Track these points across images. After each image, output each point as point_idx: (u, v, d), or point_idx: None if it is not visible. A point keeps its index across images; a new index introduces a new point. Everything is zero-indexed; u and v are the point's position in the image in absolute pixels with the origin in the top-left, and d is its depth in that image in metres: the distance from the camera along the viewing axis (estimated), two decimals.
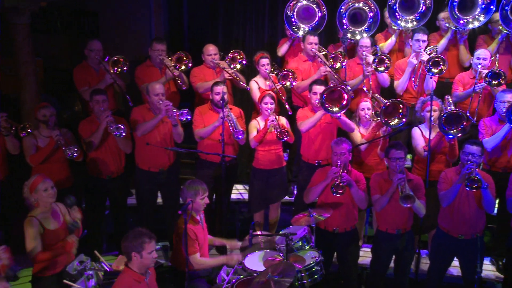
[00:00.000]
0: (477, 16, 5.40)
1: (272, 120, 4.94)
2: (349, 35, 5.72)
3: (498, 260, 5.11)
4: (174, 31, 7.76)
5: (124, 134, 4.70)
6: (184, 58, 5.47)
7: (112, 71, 5.31)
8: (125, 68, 5.39)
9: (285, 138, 4.89)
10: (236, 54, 5.49)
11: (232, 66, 5.46)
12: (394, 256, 4.70)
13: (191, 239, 4.19)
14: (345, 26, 5.74)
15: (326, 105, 4.76)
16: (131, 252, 3.44)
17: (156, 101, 4.86)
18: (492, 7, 5.32)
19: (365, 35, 5.68)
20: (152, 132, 4.95)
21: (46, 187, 3.91)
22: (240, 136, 4.89)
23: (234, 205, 6.02)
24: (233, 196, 5.96)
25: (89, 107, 5.11)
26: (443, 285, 4.84)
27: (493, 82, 4.98)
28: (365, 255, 5.21)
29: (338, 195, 4.34)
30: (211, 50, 5.58)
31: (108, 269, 4.12)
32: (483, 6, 5.34)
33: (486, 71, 5.03)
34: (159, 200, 5.42)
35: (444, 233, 4.52)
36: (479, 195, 4.30)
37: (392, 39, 5.86)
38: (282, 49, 6.10)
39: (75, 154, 4.63)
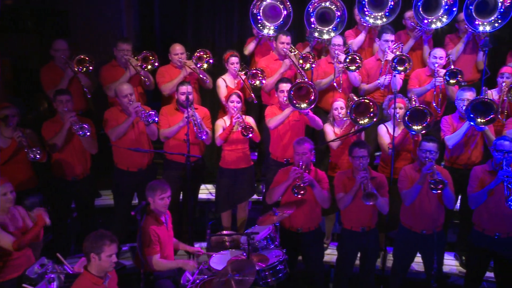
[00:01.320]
0: (440, 17, 5.47)
1: (238, 117, 4.95)
2: (316, 34, 5.73)
3: (461, 255, 5.20)
4: (146, 30, 7.69)
5: (88, 133, 4.65)
6: (150, 57, 5.45)
7: (77, 70, 5.25)
8: (90, 68, 5.34)
9: (250, 135, 4.90)
10: (202, 53, 5.47)
11: (198, 65, 5.43)
12: (359, 254, 4.75)
13: (152, 240, 4.20)
14: (312, 25, 5.76)
15: (294, 102, 4.78)
16: (90, 253, 3.42)
17: (125, 102, 4.84)
18: (454, 9, 5.39)
19: (332, 34, 5.70)
20: (126, 134, 4.93)
21: (5, 191, 3.86)
22: (203, 137, 4.89)
23: (204, 205, 6.03)
24: (203, 196, 5.97)
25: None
26: (407, 280, 4.90)
27: (451, 81, 5.06)
28: (333, 253, 5.25)
29: (300, 196, 4.35)
30: (177, 49, 5.56)
31: (70, 272, 4.08)
32: (446, 7, 5.41)
33: (444, 70, 5.10)
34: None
35: (406, 229, 4.58)
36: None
37: (362, 36, 5.91)
38: (249, 48, 6.09)
39: (38, 156, 4.56)
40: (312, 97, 4.77)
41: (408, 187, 4.44)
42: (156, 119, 4.76)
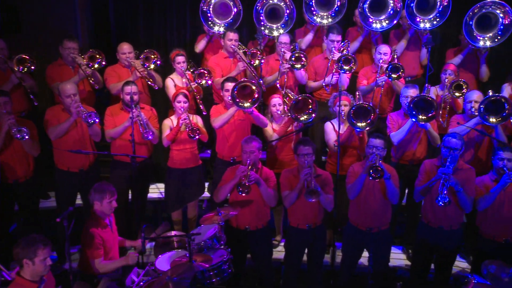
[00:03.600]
0: (382, 20, 5.54)
1: (185, 119, 4.93)
2: (266, 31, 5.75)
3: (408, 248, 5.31)
4: (101, 28, 7.55)
5: (27, 137, 4.54)
6: (97, 56, 5.36)
7: (17, 70, 5.12)
8: (32, 67, 5.21)
9: (196, 137, 4.89)
10: (149, 53, 5.41)
11: (146, 65, 5.38)
12: (306, 250, 4.79)
13: (96, 243, 4.16)
14: (262, 23, 5.77)
15: (237, 100, 4.78)
16: (23, 259, 3.38)
17: (68, 102, 4.75)
18: (394, 21, 5.52)
19: (281, 31, 5.73)
20: (69, 133, 4.85)
21: None
22: (149, 137, 4.85)
23: (156, 204, 5.98)
24: (154, 195, 5.94)
25: None
26: (356, 274, 4.97)
27: (393, 75, 5.14)
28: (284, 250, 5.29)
29: (244, 195, 4.35)
30: (125, 48, 5.50)
31: (9, 278, 4.00)
32: (391, 12, 5.49)
33: (386, 65, 5.19)
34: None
35: (353, 227, 4.63)
36: (384, 187, 4.44)
37: (310, 35, 5.94)
38: (200, 45, 6.07)
39: None
40: (256, 96, 4.77)
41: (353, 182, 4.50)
42: (97, 119, 4.69)
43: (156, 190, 6.05)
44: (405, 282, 5.06)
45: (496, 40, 5.35)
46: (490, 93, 4.67)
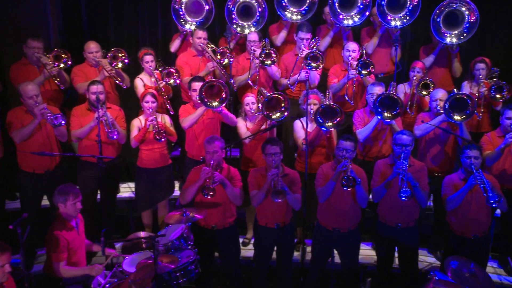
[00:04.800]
0: (353, 15, 5.55)
1: (152, 120, 4.88)
2: (238, 29, 5.72)
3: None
4: (72, 25, 7.42)
5: None
6: (63, 55, 5.28)
7: None
8: None
9: (162, 139, 4.86)
10: (117, 52, 5.35)
11: (113, 64, 5.31)
12: (276, 247, 4.80)
13: (60, 246, 4.11)
14: (234, 21, 5.74)
15: (206, 100, 4.75)
16: None
17: (31, 104, 4.67)
18: (367, 13, 5.52)
19: (253, 29, 5.70)
20: (34, 136, 4.77)
21: None
22: (114, 137, 4.80)
23: (128, 203, 5.94)
24: (125, 194, 5.91)
25: None
26: (326, 271, 4.99)
27: (364, 71, 5.16)
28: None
29: (209, 197, 4.34)
30: (92, 47, 5.43)
31: None
32: (361, 6, 5.50)
33: (356, 62, 5.21)
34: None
35: (322, 227, 4.65)
36: (354, 190, 4.44)
37: (284, 32, 5.92)
38: (175, 45, 6.01)
39: None
40: (224, 95, 4.75)
41: (323, 184, 4.50)
42: (63, 122, 4.63)
43: (128, 190, 6.01)
44: (375, 278, 5.14)
45: (461, 37, 5.41)
46: (455, 91, 4.72)
